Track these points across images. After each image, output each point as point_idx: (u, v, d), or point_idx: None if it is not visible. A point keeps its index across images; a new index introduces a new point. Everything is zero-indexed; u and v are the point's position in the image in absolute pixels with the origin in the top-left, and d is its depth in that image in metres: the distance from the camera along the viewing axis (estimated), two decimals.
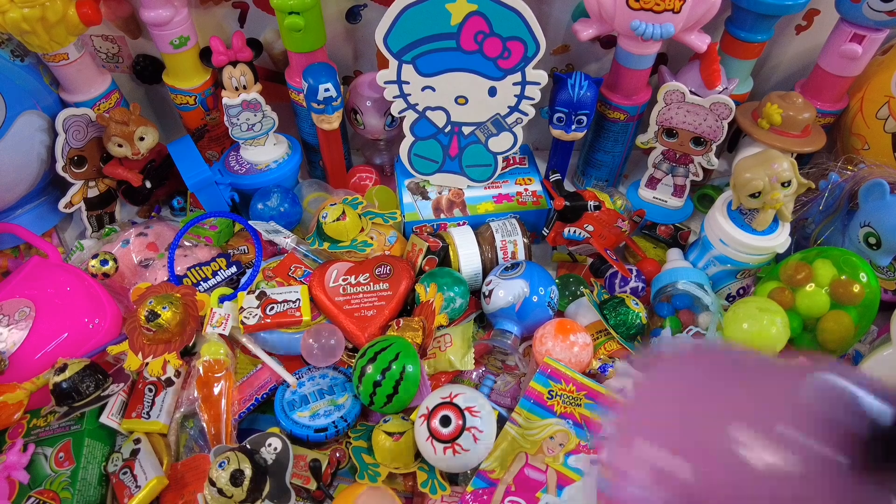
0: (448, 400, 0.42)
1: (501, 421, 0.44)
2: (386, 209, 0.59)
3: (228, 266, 0.53)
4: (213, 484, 0.38)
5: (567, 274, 0.58)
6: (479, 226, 0.57)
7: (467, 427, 0.40)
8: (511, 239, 0.54)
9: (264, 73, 0.63)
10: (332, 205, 0.54)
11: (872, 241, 0.50)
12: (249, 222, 0.56)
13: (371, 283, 0.52)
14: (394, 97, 0.55)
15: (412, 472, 0.44)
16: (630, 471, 0.24)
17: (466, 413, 0.41)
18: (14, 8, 0.48)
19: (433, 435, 0.41)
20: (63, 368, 0.44)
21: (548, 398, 0.44)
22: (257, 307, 0.49)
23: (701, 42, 0.52)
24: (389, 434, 0.43)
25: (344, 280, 0.52)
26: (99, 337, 0.49)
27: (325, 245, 0.54)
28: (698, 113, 0.55)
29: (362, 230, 0.56)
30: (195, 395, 0.46)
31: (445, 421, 0.41)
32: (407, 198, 0.60)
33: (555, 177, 0.59)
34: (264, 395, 0.47)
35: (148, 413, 0.45)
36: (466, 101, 0.54)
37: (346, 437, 0.46)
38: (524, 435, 0.43)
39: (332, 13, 0.59)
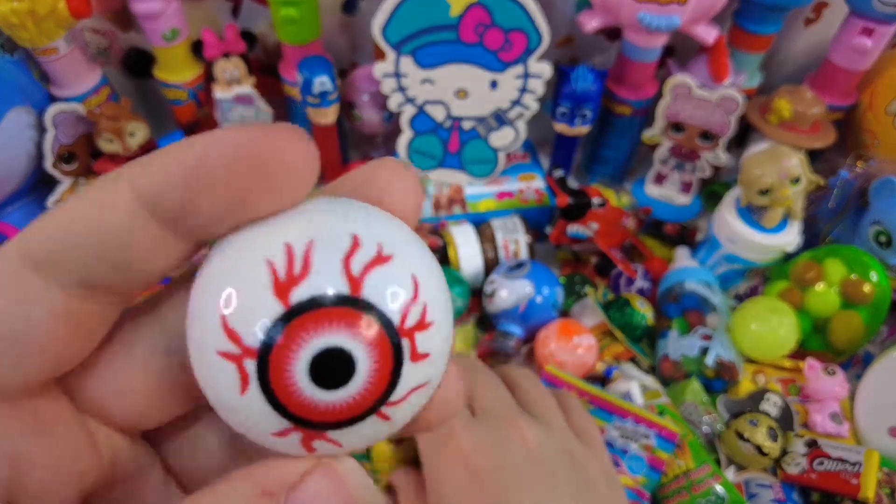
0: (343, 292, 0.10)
1: None
2: None
3: None
4: None
5: (572, 273, 0.56)
6: (479, 224, 0.56)
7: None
8: (513, 237, 0.53)
9: (259, 66, 0.61)
10: None
11: (883, 239, 0.49)
12: None
13: None
14: (391, 91, 0.53)
15: None
16: None
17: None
18: (3, 1, 0.46)
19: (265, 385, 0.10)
20: None
21: None
22: None
23: (708, 34, 0.51)
24: (389, 439, 0.42)
25: None
26: None
27: None
28: (706, 107, 0.54)
29: None
30: None
31: (341, 367, 0.10)
32: None
33: (558, 173, 0.58)
34: None
35: None
36: (467, 94, 0.53)
37: None
38: None
39: (327, 4, 0.57)
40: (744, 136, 0.60)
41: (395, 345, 0.10)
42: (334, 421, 0.10)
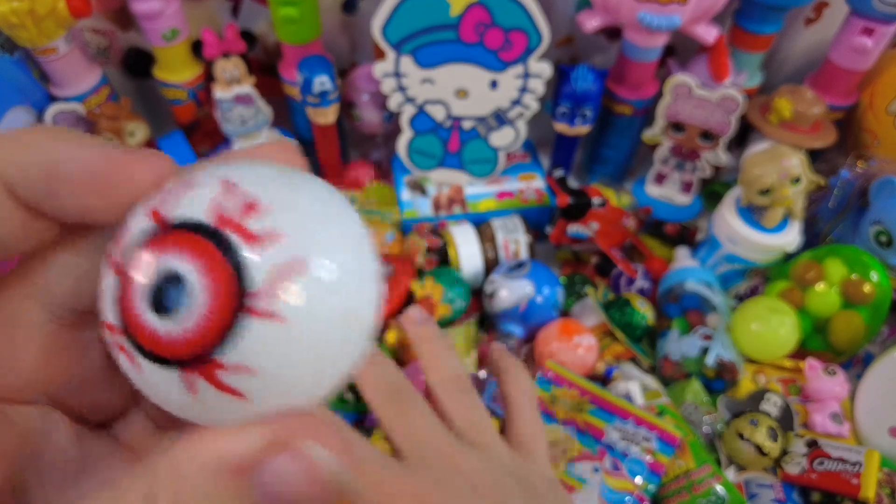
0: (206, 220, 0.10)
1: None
2: (383, 207, 0.57)
3: None
4: None
5: (572, 273, 0.56)
6: (480, 224, 0.56)
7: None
8: (513, 237, 0.53)
9: (259, 66, 0.61)
10: None
11: (884, 239, 0.49)
12: None
13: None
14: (391, 90, 0.53)
15: None
16: None
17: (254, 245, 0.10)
18: (3, 1, 0.46)
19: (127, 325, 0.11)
20: None
21: (550, 403, 0.43)
22: None
23: (708, 34, 0.51)
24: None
25: None
26: None
27: None
28: (706, 107, 0.53)
29: None
30: None
31: (175, 286, 0.10)
32: (405, 195, 0.59)
33: (558, 173, 0.57)
34: None
35: None
36: (467, 94, 0.53)
37: None
38: None
39: (327, 4, 0.57)
40: (744, 135, 0.60)
41: (217, 242, 0.10)
42: (213, 340, 0.10)
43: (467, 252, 0.52)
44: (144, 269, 0.10)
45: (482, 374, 0.48)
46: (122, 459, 0.15)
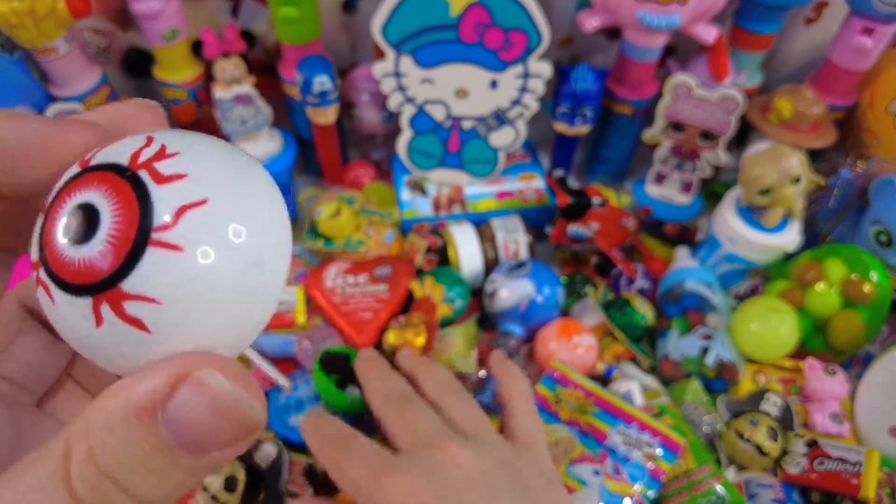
0: (120, 163, 0.12)
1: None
2: (383, 206, 0.57)
3: None
4: (205, 489, 0.37)
5: (573, 273, 0.56)
6: (479, 223, 0.56)
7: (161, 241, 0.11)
8: (513, 237, 0.53)
9: (259, 66, 0.61)
10: (327, 201, 0.53)
11: (884, 238, 0.49)
12: None
13: (369, 285, 0.51)
14: (391, 90, 0.53)
15: None
16: None
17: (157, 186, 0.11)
18: (3, 1, 0.46)
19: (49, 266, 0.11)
20: None
21: (554, 403, 0.43)
22: None
23: (708, 34, 0.51)
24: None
25: (342, 280, 0.51)
26: None
27: (320, 242, 0.53)
28: (706, 107, 0.53)
29: (358, 228, 0.54)
30: None
31: (87, 217, 0.11)
32: (405, 195, 0.59)
33: (558, 173, 0.58)
34: None
35: None
36: (467, 94, 0.53)
37: None
38: None
39: (327, 4, 0.57)
40: (744, 135, 0.60)
41: (129, 178, 0.11)
42: (118, 266, 0.11)
43: (467, 252, 0.52)
44: (63, 205, 0.11)
45: (482, 373, 0.48)
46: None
